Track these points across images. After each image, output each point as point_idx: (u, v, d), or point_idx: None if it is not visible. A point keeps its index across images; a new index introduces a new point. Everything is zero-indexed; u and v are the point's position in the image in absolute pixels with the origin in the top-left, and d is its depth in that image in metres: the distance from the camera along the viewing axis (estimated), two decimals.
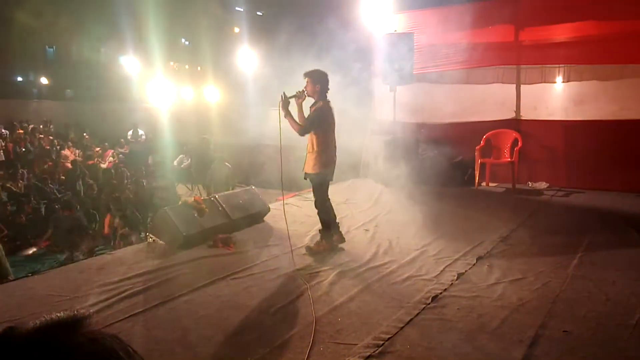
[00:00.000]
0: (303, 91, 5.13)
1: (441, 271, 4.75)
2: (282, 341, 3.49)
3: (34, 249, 8.14)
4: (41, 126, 18.15)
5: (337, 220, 5.50)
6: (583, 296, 4.18)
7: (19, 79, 30.82)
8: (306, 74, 5.13)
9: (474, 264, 4.95)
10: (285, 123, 5.11)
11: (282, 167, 5.11)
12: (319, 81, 5.11)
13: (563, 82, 8.53)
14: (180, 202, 6.30)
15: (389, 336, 3.52)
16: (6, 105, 20.56)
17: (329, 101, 5.20)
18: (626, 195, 7.61)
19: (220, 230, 5.76)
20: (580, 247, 5.38)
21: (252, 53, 14.27)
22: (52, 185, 11.17)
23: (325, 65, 5.78)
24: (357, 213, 6.86)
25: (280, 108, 5.06)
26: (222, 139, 12.43)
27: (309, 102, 5.28)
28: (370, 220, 6.61)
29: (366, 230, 6.19)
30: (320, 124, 5.12)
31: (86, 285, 4.45)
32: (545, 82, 8.65)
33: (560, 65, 8.43)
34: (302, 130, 5.11)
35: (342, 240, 5.43)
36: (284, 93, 5.06)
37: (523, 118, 8.77)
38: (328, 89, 5.18)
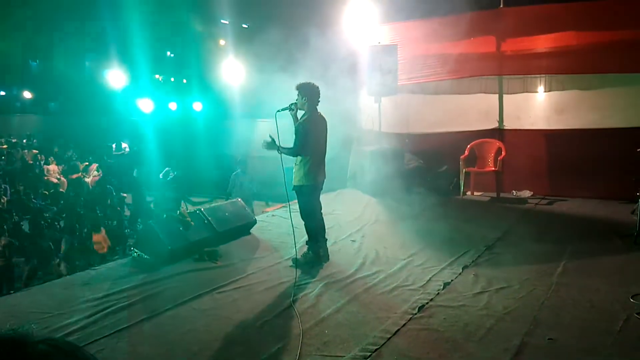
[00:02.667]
0: (295, 103, 5.19)
1: (427, 281, 4.77)
2: (269, 354, 3.47)
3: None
4: (24, 140, 17.97)
5: (325, 236, 5.49)
6: (567, 303, 4.22)
7: (2, 92, 30.48)
8: (297, 87, 5.20)
9: (460, 273, 4.98)
10: (282, 135, 5.15)
11: (284, 178, 5.15)
12: (307, 94, 5.16)
13: (545, 91, 8.66)
14: (165, 216, 6.25)
15: (377, 347, 3.52)
16: None
17: (319, 113, 5.24)
18: (609, 203, 7.72)
19: (206, 243, 5.73)
20: (564, 254, 5.44)
21: (238, 65, 14.29)
22: (35, 201, 11.04)
23: (310, 77, 5.82)
24: (344, 224, 6.87)
25: (270, 149, 5.20)
26: (209, 150, 12.41)
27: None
28: (357, 230, 6.62)
29: (353, 240, 6.19)
30: (308, 138, 5.14)
31: (70, 301, 4.39)
32: (527, 92, 8.77)
33: (542, 75, 8.57)
34: (295, 151, 5.16)
35: (327, 257, 5.40)
36: (268, 138, 5.17)
37: (506, 128, 8.88)
38: (318, 101, 5.23)
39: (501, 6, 8.63)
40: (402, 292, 4.54)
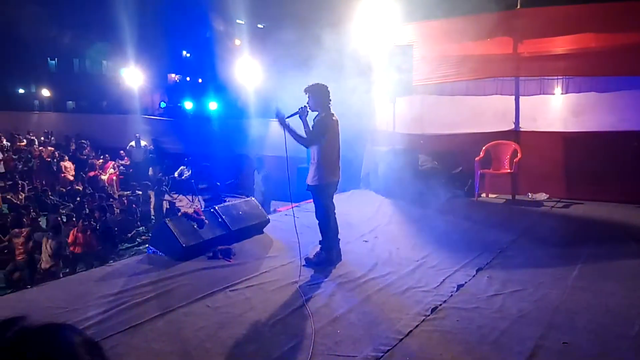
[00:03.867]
0: (305, 107, 5.17)
1: (441, 282, 4.75)
2: (281, 353, 3.48)
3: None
4: (42, 138, 18.21)
5: (338, 236, 5.49)
6: (582, 307, 4.17)
7: (21, 90, 30.99)
8: (306, 90, 5.17)
9: (474, 276, 4.94)
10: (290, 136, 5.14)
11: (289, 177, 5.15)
12: (319, 94, 5.15)
13: (562, 93, 8.57)
14: (180, 214, 6.30)
15: (389, 348, 3.51)
16: (8, 117, 20.65)
17: (332, 113, 5.24)
18: (625, 206, 7.62)
19: (219, 241, 5.76)
20: (580, 258, 5.38)
21: (253, 65, 14.36)
22: (52, 197, 11.20)
23: (325, 76, 5.82)
24: (356, 224, 6.86)
25: (280, 126, 5.12)
26: (224, 150, 12.49)
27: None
28: (370, 231, 6.61)
29: (366, 241, 6.19)
30: (324, 134, 5.13)
31: (85, 297, 4.44)
32: (544, 94, 8.69)
33: (559, 77, 8.48)
34: (307, 141, 5.12)
35: (339, 258, 5.39)
36: (277, 111, 5.12)
37: (522, 129, 8.80)
38: (330, 101, 5.21)
39: (518, 7, 8.56)
40: (415, 293, 4.53)
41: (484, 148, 8.64)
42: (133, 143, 15.08)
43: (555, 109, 8.65)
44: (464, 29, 8.46)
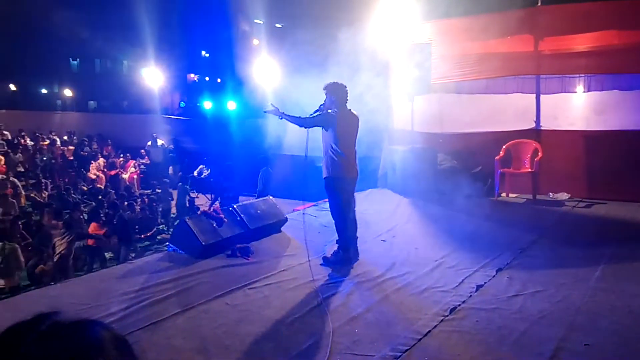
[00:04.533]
0: (322, 106, 5.20)
1: (460, 283, 4.71)
2: (299, 351, 3.49)
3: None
4: (65, 137, 18.55)
5: (356, 234, 5.48)
6: (605, 309, 4.11)
7: (44, 90, 31.55)
8: (324, 88, 5.22)
9: (494, 276, 4.90)
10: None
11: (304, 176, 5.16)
12: (334, 93, 5.18)
13: (584, 91, 8.44)
14: (199, 212, 6.36)
15: (407, 348, 3.50)
16: (31, 117, 21.08)
17: (350, 110, 5.25)
18: None
19: (238, 239, 5.81)
20: (603, 259, 5.29)
21: (272, 64, 14.41)
22: (74, 196, 11.39)
23: (342, 75, 5.82)
24: (374, 223, 6.84)
25: (273, 115, 5.27)
26: (241, 149, 12.56)
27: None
28: (388, 230, 6.59)
29: (383, 240, 6.17)
30: (331, 124, 5.12)
31: (108, 294, 4.52)
32: (565, 92, 8.56)
33: (581, 74, 8.35)
34: (302, 121, 5.16)
35: (356, 256, 5.39)
36: (271, 107, 5.27)
37: (543, 128, 8.68)
38: (347, 99, 5.22)
39: (539, 4, 8.44)
40: (434, 293, 4.50)
41: (504, 147, 8.54)
42: (150, 142, 15.26)
43: (577, 107, 8.52)
44: (484, 27, 8.38)
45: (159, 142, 15.28)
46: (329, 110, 5.16)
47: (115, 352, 0.72)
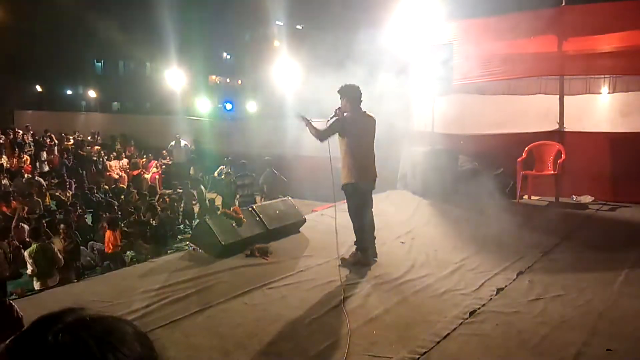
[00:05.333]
0: (338, 108, 5.21)
1: (480, 286, 4.67)
2: (317, 352, 3.50)
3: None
4: (89, 137, 18.89)
5: (374, 234, 5.47)
6: (629, 314, 4.02)
7: (69, 92, 32.17)
8: (338, 91, 5.25)
9: (514, 279, 4.84)
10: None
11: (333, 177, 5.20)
12: (347, 95, 5.20)
13: (609, 93, 8.28)
14: (219, 212, 6.42)
15: (425, 350, 3.48)
16: (56, 118, 21.53)
17: (364, 112, 5.24)
18: None
19: (257, 240, 5.84)
20: (627, 263, 5.18)
21: (292, 66, 14.47)
22: (97, 195, 11.58)
23: (362, 76, 5.81)
24: (393, 225, 6.82)
25: (300, 121, 5.31)
26: (261, 150, 12.62)
27: None
28: (407, 232, 6.56)
29: (402, 242, 6.14)
30: (340, 131, 5.15)
31: (129, 292, 4.59)
32: (589, 93, 8.42)
33: (606, 75, 8.19)
34: (319, 135, 5.21)
35: (374, 257, 5.38)
36: (298, 114, 5.33)
37: (567, 130, 8.54)
38: (360, 100, 5.23)
39: (563, 4, 8.31)
40: (453, 296, 4.46)
41: (526, 149, 8.43)
42: (173, 143, 15.43)
43: (602, 109, 8.36)
44: (507, 27, 8.28)
45: (182, 142, 15.45)
46: (334, 118, 5.19)
47: (137, 345, 0.75)
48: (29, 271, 6.49)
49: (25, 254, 6.57)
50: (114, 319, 0.78)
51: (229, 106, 20.98)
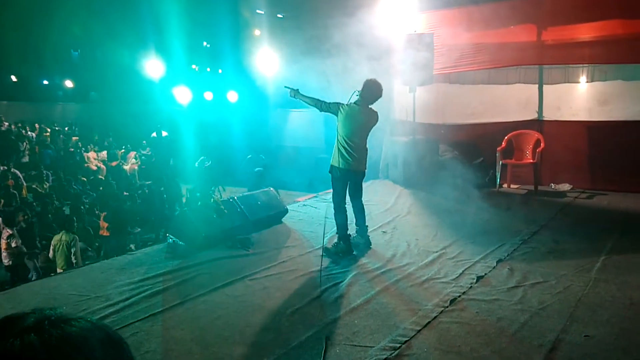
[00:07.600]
0: (358, 91, 5.32)
1: (460, 274, 4.70)
2: (299, 342, 3.49)
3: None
4: (66, 128, 18.54)
5: (366, 223, 5.57)
6: (606, 300, 4.09)
7: (45, 82, 31.45)
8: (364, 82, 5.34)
9: (494, 267, 4.88)
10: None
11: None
12: (364, 89, 5.27)
13: (587, 82, 8.37)
14: (199, 203, 6.35)
15: (406, 339, 3.50)
16: (33, 108, 21.06)
17: (370, 108, 5.32)
18: None
19: (238, 231, 5.80)
20: (604, 250, 5.27)
21: (273, 55, 14.32)
22: (75, 187, 11.38)
23: (343, 66, 5.78)
24: (375, 215, 6.83)
25: (293, 95, 5.50)
26: (242, 140, 12.53)
27: None
28: (389, 222, 6.58)
29: (384, 232, 6.16)
30: (335, 114, 5.28)
31: (107, 285, 4.52)
32: (568, 82, 8.50)
33: (584, 64, 8.27)
34: (318, 103, 5.35)
35: (369, 245, 5.49)
36: (286, 87, 5.53)
37: (545, 119, 8.63)
38: (372, 99, 5.30)
39: None
40: (434, 284, 4.49)
41: (506, 138, 8.50)
42: (154, 134, 15.23)
43: (580, 98, 8.45)
44: (486, 17, 8.28)
45: (163, 133, 15.25)
46: (353, 94, 5.34)
47: (100, 352, 0.70)
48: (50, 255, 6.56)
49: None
50: (81, 322, 0.72)
51: (209, 95, 20.75)
